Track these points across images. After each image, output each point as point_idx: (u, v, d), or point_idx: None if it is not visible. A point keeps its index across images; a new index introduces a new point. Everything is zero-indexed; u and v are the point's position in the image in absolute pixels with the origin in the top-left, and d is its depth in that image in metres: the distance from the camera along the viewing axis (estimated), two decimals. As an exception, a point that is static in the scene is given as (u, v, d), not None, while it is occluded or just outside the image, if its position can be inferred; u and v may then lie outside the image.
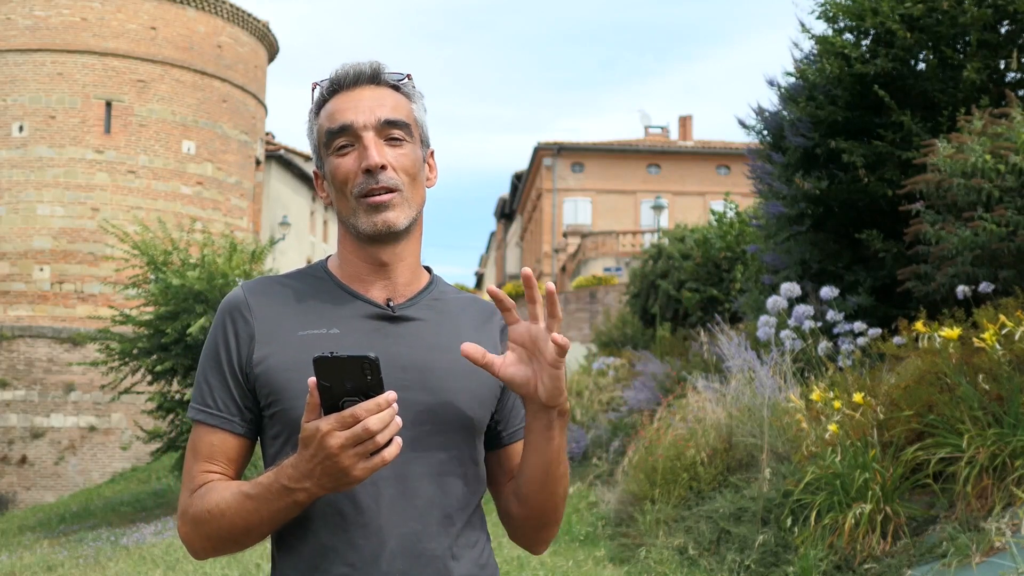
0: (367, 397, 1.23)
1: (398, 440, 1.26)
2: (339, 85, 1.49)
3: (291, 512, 1.35)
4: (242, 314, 1.48)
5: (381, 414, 1.23)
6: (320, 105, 1.51)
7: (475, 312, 1.58)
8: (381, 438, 1.24)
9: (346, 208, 1.48)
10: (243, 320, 1.48)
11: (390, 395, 1.24)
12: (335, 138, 1.47)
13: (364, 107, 1.46)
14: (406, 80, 1.53)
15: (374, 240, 1.47)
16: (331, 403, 1.24)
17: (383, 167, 1.44)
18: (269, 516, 1.36)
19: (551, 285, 1.37)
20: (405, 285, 1.52)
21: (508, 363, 1.40)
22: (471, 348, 1.38)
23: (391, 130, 1.47)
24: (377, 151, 1.45)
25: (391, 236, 1.47)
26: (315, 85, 1.52)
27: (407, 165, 1.47)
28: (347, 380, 1.22)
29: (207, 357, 1.49)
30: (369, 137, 1.45)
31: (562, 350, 1.33)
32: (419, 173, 1.51)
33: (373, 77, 1.50)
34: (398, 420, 1.25)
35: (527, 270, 1.32)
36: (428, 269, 1.59)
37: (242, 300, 1.49)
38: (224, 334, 1.48)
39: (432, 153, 1.58)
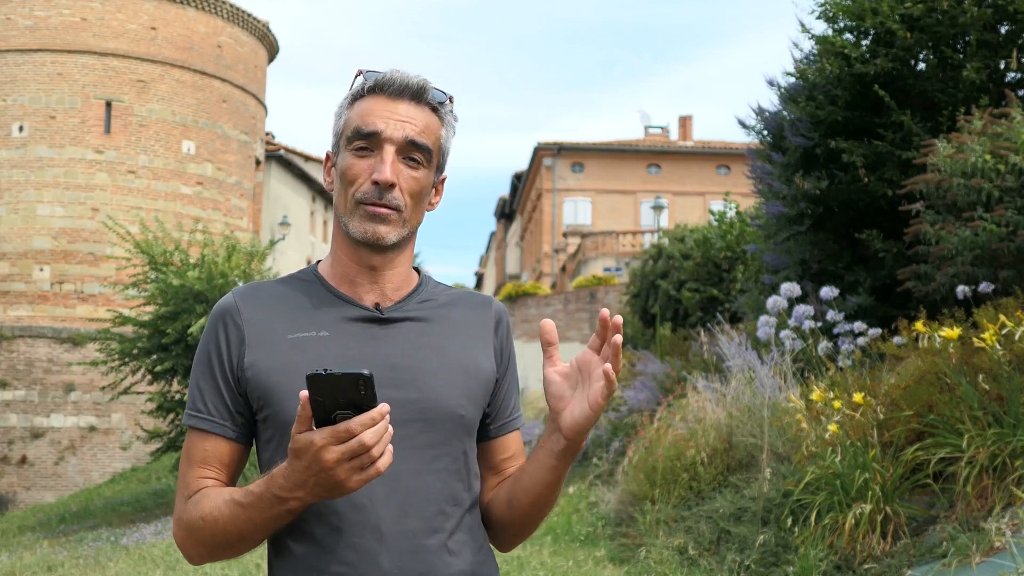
0: (359, 409, 1.23)
1: (390, 449, 1.27)
2: (382, 89, 1.50)
3: (284, 519, 1.36)
4: (233, 319, 1.49)
5: (376, 427, 1.24)
6: (357, 97, 1.52)
7: (466, 306, 1.59)
8: (376, 451, 1.25)
9: (343, 206, 1.50)
10: (234, 325, 1.49)
11: (383, 408, 1.24)
12: (359, 139, 1.48)
13: (396, 121, 1.48)
14: (447, 103, 1.54)
15: (363, 245, 1.49)
16: (323, 416, 1.24)
17: (391, 185, 1.46)
18: (263, 523, 1.37)
19: (618, 339, 1.38)
20: (394, 290, 1.53)
21: (560, 369, 1.44)
22: (550, 324, 1.42)
23: (412, 151, 1.48)
24: (392, 169, 1.46)
25: (379, 247, 1.49)
26: (360, 72, 1.53)
27: (414, 189, 1.49)
28: (340, 395, 1.22)
29: (199, 363, 1.50)
30: (390, 151, 1.47)
31: (608, 391, 1.36)
32: (424, 198, 1.53)
33: (416, 94, 1.50)
34: (390, 430, 1.26)
35: (605, 311, 1.39)
36: (417, 270, 1.60)
37: (232, 305, 1.51)
38: (215, 339, 1.49)
39: (444, 180, 1.60)
